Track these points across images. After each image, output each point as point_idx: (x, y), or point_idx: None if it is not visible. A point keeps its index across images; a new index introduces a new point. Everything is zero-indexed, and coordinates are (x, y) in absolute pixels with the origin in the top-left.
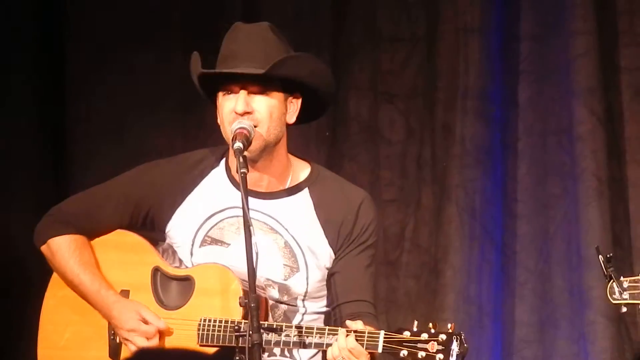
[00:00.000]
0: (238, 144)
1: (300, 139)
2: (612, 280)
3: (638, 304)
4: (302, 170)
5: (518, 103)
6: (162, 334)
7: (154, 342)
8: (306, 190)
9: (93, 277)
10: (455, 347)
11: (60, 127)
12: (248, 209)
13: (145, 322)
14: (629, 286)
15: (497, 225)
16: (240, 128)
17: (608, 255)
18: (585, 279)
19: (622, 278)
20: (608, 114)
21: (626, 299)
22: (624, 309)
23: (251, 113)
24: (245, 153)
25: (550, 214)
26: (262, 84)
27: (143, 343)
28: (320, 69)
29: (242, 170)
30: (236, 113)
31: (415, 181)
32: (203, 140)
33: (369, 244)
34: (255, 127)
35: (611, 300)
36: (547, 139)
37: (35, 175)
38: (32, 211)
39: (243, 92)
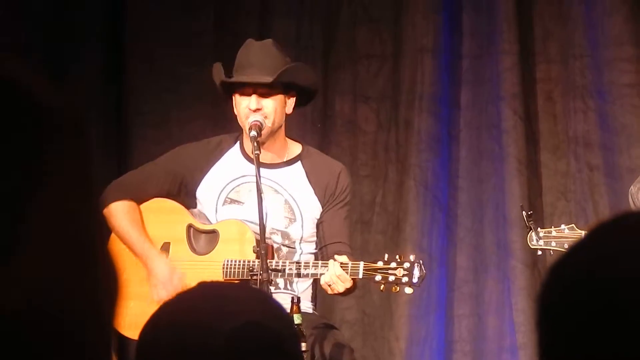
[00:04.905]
0: (253, 133)
1: (299, 129)
2: (531, 230)
3: (549, 249)
4: (295, 148)
5: (460, 105)
6: (196, 273)
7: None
8: (299, 162)
9: (139, 234)
10: (416, 272)
11: (123, 120)
12: (260, 181)
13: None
14: (543, 235)
15: (444, 194)
16: (255, 121)
17: (529, 212)
18: (508, 235)
19: (538, 229)
20: (526, 113)
21: (541, 245)
22: (539, 252)
23: (261, 109)
24: (258, 139)
25: (484, 186)
26: (268, 88)
27: (162, 295)
28: (309, 73)
29: (256, 152)
30: (250, 109)
31: (383, 161)
32: (228, 129)
33: (346, 202)
34: (265, 119)
35: (530, 245)
36: (482, 131)
37: (105, 155)
38: (101, 183)
39: (254, 95)
